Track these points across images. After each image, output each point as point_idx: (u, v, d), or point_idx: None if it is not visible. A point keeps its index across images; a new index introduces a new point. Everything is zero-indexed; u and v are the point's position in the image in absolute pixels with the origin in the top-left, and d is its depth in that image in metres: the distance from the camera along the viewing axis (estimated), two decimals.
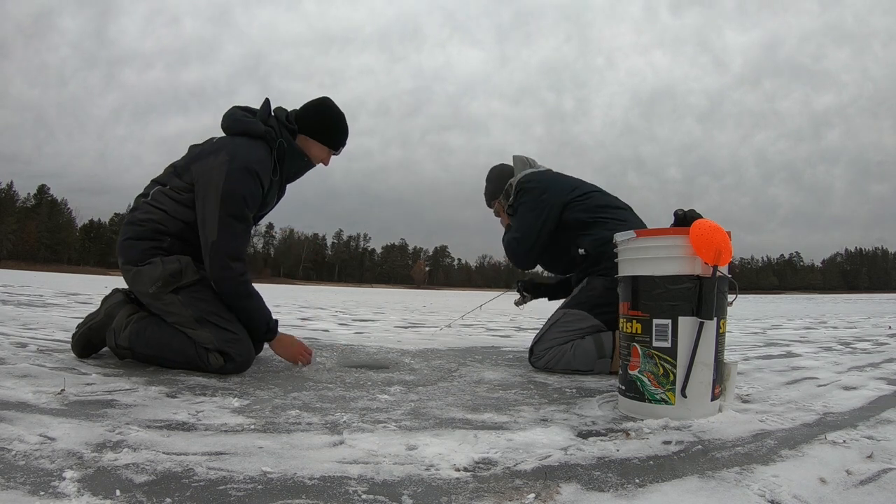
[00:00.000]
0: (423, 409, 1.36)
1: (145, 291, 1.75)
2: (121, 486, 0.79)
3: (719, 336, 1.32)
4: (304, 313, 5.36)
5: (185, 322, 1.72)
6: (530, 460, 0.97)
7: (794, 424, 1.26)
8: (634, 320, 1.34)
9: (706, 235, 1.27)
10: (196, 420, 1.16)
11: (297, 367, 1.90)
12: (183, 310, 1.72)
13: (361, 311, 6.52)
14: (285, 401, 1.38)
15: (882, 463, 0.96)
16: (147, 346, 1.73)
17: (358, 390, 1.55)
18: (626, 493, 0.83)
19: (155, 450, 0.95)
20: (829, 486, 0.86)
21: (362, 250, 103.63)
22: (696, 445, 1.09)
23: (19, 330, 2.54)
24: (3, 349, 1.89)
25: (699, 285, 1.27)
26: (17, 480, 0.79)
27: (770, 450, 1.05)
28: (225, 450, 0.97)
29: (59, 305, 4.65)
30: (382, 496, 0.80)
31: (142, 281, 1.76)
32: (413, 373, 1.90)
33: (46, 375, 1.50)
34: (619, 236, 1.43)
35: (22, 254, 69.47)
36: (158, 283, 1.73)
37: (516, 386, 1.71)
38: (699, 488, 0.86)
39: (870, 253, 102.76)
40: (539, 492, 0.83)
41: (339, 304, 8.41)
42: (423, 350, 2.56)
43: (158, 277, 1.73)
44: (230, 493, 0.79)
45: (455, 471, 0.91)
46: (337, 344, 2.66)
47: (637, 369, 1.32)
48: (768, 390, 1.69)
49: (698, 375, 1.28)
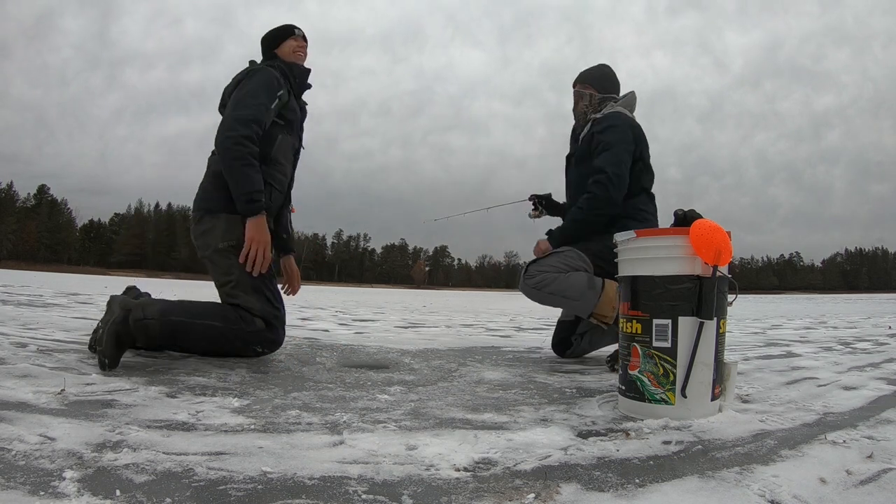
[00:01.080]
0: (423, 409, 1.36)
1: (214, 245, 1.84)
2: (121, 486, 0.79)
3: (719, 336, 1.32)
4: (304, 313, 5.36)
5: (240, 284, 1.81)
6: (530, 460, 0.97)
7: (794, 424, 1.25)
8: (634, 320, 1.34)
9: (706, 235, 1.27)
10: (196, 420, 1.16)
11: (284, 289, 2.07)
12: (242, 272, 1.80)
13: (361, 311, 6.51)
14: (285, 401, 1.38)
15: (882, 463, 0.96)
16: (183, 312, 1.77)
17: (358, 390, 1.55)
18: (626, 493, 0.83)
19: (155, 450, 0.95)
20: (829, 486, 0.86)
21: (362, 250, 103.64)
22: (696, 445, 1.09)
23: (19, 330, 2.54)
24: (3, 349, 1.89)
25: (699, 285, 1.27)
26: (17, 480, 0.79)
27: (770, 450, 1.05)
28: (225, 450, 0.97)
29: (59, 305, 4.65)
30: (382, 496, 0.80)
31: (214, 234, 1.85)
32: (413, 373, 1.90)
33: (46, 375, 1.50)
34: (618, 236, 1.43)
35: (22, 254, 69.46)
36: (232, 241, 1.82)
37: (516, 386, 1.71)
38: (699, 488, 0.86)
39: (870, 253, 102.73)
40: (539, 492, 0.83)
41: (339, 304, 8.40)
42: (423, 350, 2.56)
43: (234, 235, 1.83)
44: (230, 493, 0.79)
45: (455, 471, 0.91)
46: (337, 344, 2.66)
47: (637, 369, 1.32)
48: (768, 390, 1.69)
49: (698, 375, 1.28)
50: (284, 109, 2.06)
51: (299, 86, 2.20)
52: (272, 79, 2.00)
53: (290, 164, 2.15)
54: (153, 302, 1.77)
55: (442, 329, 4.12)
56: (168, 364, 1.81)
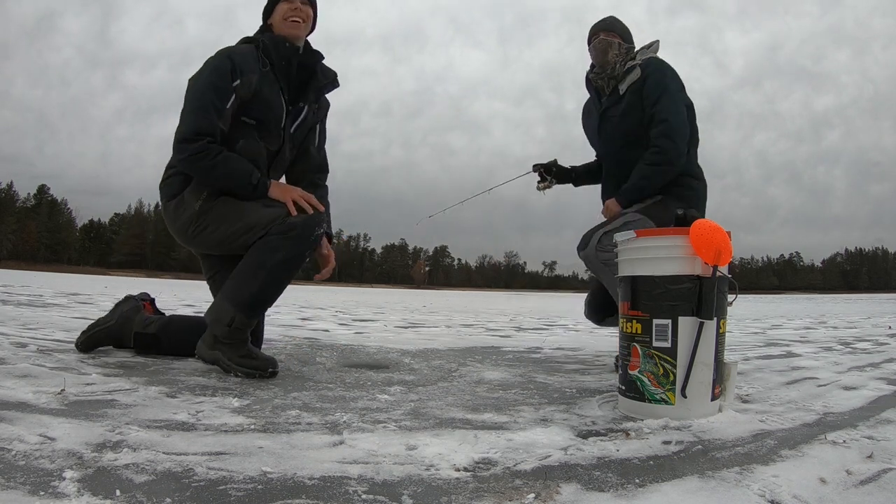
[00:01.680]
0: (423, 409, 1.35)
1: (193, 211, 1.74)
2: (121, 486, 0.79)
3: (719, 336, 1.32)
4: (304, 313, 5.36)
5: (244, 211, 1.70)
6: (530, 460, 0.97)
7: (794, 424, 1.25)
8: (634, 320, 1.34)
9: (706, 235, 1.27)
10: (196, 420, 1.16)
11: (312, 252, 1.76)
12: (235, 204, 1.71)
13: (361, 311, 6.51)
14: (285, 401, 1.38)
15: (882, 463, 0.96)
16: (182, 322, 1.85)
17: (358, 390, 1.55)
18: (626, 493, 0.83)
19: (155, 450, 0.95)
20: (829, 486, 0.86)
21: (362, 250, 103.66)
22: (696, 445, 1.09)
23: (19, 330, 2.54)
24: (3, 349, 1.89)
25: (699, 285, 1.27)
26: (17, 480, 0.79)
27: (770, 450, 1.05)
28: (225, 450, 0.97)
29: (59, 305, 4.65)
30: (382, 496, 0.80)
31: (185, 205, 1.76)
32: (413, 373, 1.90)
33: (46, 375, 1.50)
34: (618, 236, 1.43)
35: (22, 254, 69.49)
36: (203, 196, 1.73)
37: (516, 386, 1.71)
38: (699, 488, 0.86)
39: (870, 253, 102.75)
40: (539, 492, 0.83)
41: (339, 304, 8.40)
42: (423, 350, 2.56)
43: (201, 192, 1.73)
44: (230, 493, 0.79)
45: (455, 471, 0.91)
46: (337, 344, 2.66)
47: (637, 369, 1.32)
48: (768, 390, 1.69)
49: (698, 375, 1.27)
50: (254, 104, 1.74)
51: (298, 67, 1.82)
52: (222, 67, 1.69)
53: (262, 170, 1.79)
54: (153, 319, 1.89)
55: (442, 329, 4.12)
56: (168, 364, 1.81)
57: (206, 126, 1.66)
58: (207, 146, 1.66)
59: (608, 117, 2.13)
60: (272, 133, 1.80)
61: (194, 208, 1.74)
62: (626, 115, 2.04)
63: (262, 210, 1.69)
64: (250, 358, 1.67)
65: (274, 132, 1.81)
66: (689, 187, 2.03)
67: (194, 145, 1.65)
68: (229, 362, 1.66)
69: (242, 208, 1.71)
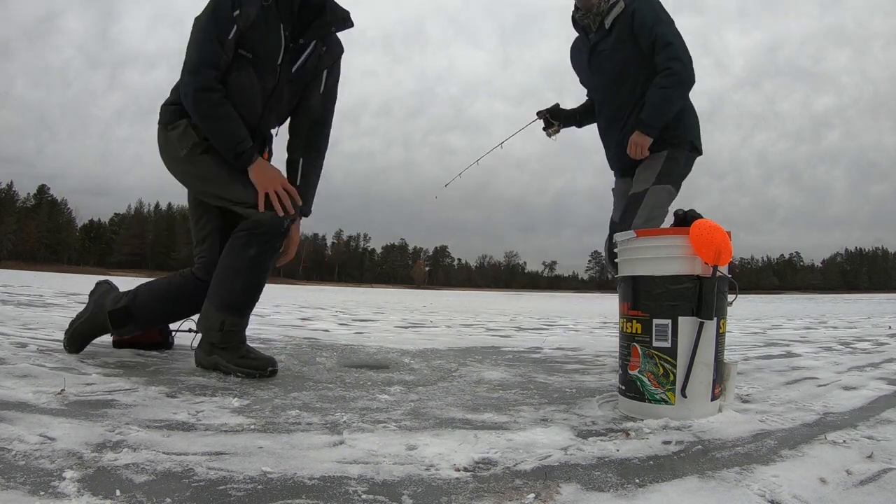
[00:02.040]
0: (423, 409, 1.36)
1: (177, 156, 1.76)
2: (121, 486, 0.79)
3: (719, 336, 1.32)
4: (304, 313, 5.36)
5: (220, 179, 1.73)
6: (530, 460, 0.97)
7: (794, 424, 1.25)
8: (634, 320, 1.34)
9: (706, 235, 1.27)
10: (196, 420, 1.16)
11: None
12: (216, 167, 1.73)
13: (361, 311, 6.51)
14: (285, 401, 1.38)
15: (882, 463, 0.96)
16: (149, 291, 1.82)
17: (358, 390, 1.55)
18: (626, 493, 0.83)
19: (155, 450, 0.95)
20: (829, 486, 0.86)
21: (362, 250, 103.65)
22: (696, 445, 1.09)
23: (19, 330, 2.54)
24: (3, 349, 1.89)
25: (699, 285, 1.27)
26: (17, 480, 0.79)
27: (770, 450, 1.05)
28: (225, 450, 0.97)
29: (59, 305, 4.65)
30: (382, 496, 0.80)
31: (171, 146, 1.77)
32: (413, 373, 1.90)
33: (46, 375, 1.50)
34: (618, 236, 1.43)
35: (22, 254, 69.47)
36: (189, 145, 1.74)
37: (516, 386, 1.71)
38: (699, 488, 0.86)
39: (870, 253, 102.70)
40: (539, 492, 0.83)
41: (339, 304, 8.40)
42: (423, 350, 2.56)
43: (188, 140, 1.74)
44: (230, 493, 0.79)
45: (455, 471, 0.91)
46: (337, 344, 2.65)
47: (637, 369, 1.32)
48: (768, 390, 1.69)
49: (698, 375, 1.28)
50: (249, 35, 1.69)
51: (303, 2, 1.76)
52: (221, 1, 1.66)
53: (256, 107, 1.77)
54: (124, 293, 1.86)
55: (442, 329, 4.12)
56: (168, 364, 1.81)
57: (210, 56, 1.66)
58: (211, 88, 1.66)
59: (598, 52, 2.16)
60: (267, 69, 1.74)
61: (180, 154, 1.77)
62: (616, 47, 2.09)
63: (238, 187, 1.73)
64: (249, 358, 1.70)
65: (269, 67, 1.75)
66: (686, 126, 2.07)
67: (197, 82, 1.66)
68: (228, 364, 1.68)
69: (221, 176, 1.74)
